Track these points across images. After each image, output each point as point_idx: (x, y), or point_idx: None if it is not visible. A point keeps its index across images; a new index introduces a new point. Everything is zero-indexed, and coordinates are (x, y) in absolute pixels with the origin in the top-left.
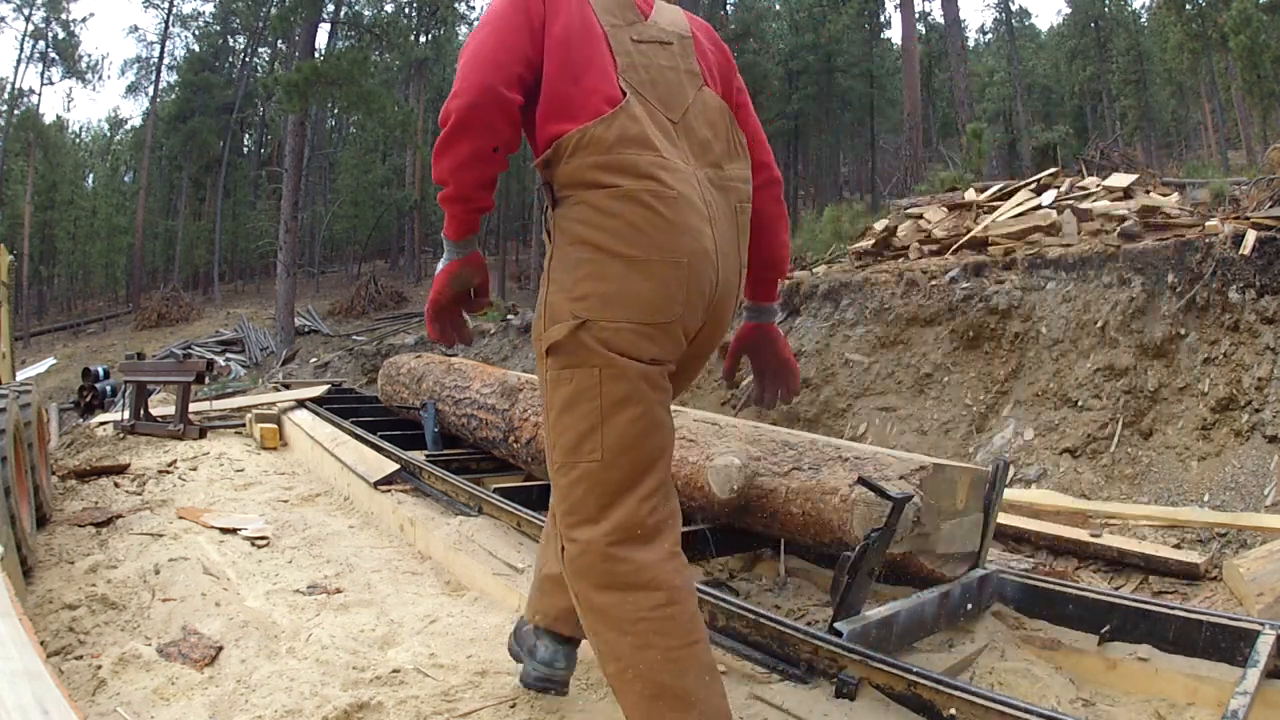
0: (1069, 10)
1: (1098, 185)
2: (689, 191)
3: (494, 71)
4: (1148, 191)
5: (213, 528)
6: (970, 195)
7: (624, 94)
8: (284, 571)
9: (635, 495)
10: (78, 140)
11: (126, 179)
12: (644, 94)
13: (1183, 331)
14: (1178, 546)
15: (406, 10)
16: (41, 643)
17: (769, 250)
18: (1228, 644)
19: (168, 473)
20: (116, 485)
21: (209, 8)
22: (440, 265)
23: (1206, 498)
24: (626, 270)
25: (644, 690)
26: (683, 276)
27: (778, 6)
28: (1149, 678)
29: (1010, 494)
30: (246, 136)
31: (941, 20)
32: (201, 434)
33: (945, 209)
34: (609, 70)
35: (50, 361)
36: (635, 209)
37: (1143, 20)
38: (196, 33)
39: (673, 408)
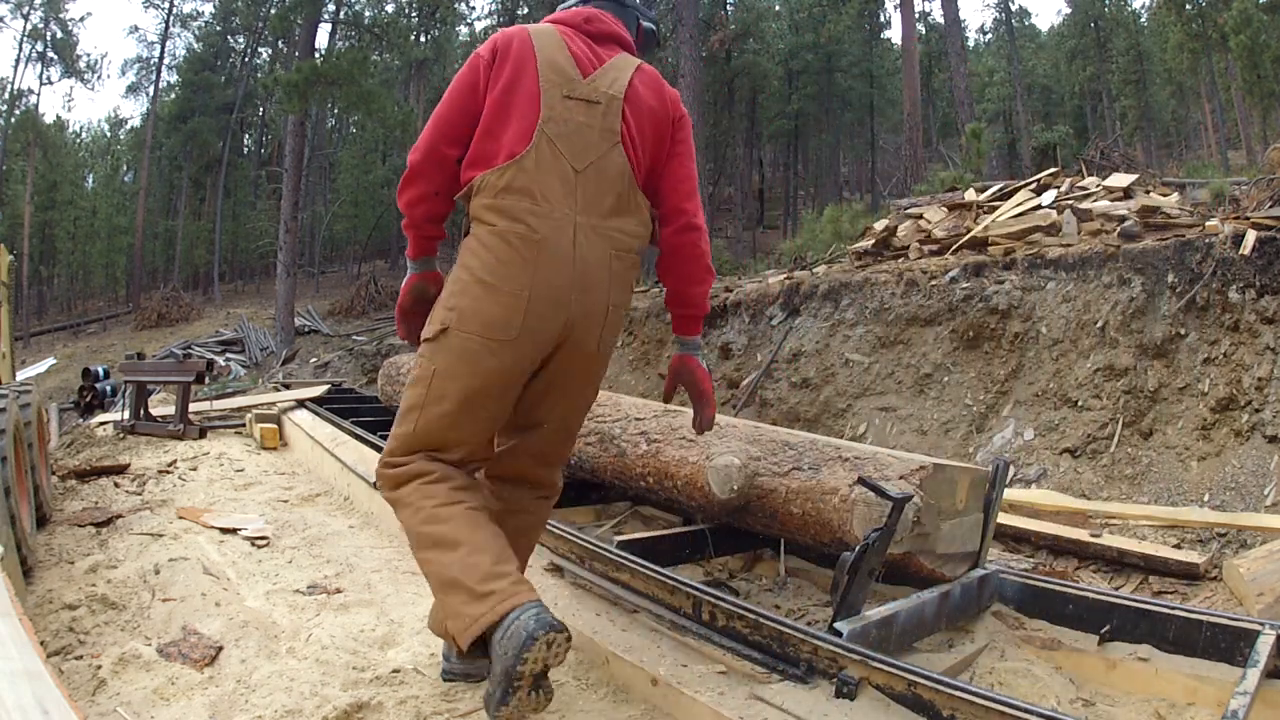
0: (1069, 10)
1: (1098, 185)
2: (555, 236)
3: (441, 131)
4: (1148, 191)
5: (213, 528)
6: (970, 195)
7: (528, 147)
8: (284, 571)
9: (439, 428)
10: (78, 140)
11: (127, 179)
12: (556, 144)
13: (1183, 331)
14: (1178, 546)
15: (406, 10)
16: (41, 643)
17: (683, 291)
18: (1228, 644)
19: (168, 473)
20: (116, 485)
21: (209, 8)
22: (405, 278)
23: (1206, 498)
24: (484, 294)
25: (415, 546)
26: (522, 306)
27: (778, 7)
28: (1149, 678)
29: (1010, 494)
30: (246, 136)
31: (941, 20)
32: (201, 434)
33: (945, 209)
34: (529, 124)
35: (50, 361)
36: (502, 246)
37: (1143, 20)
38: (196, 33)
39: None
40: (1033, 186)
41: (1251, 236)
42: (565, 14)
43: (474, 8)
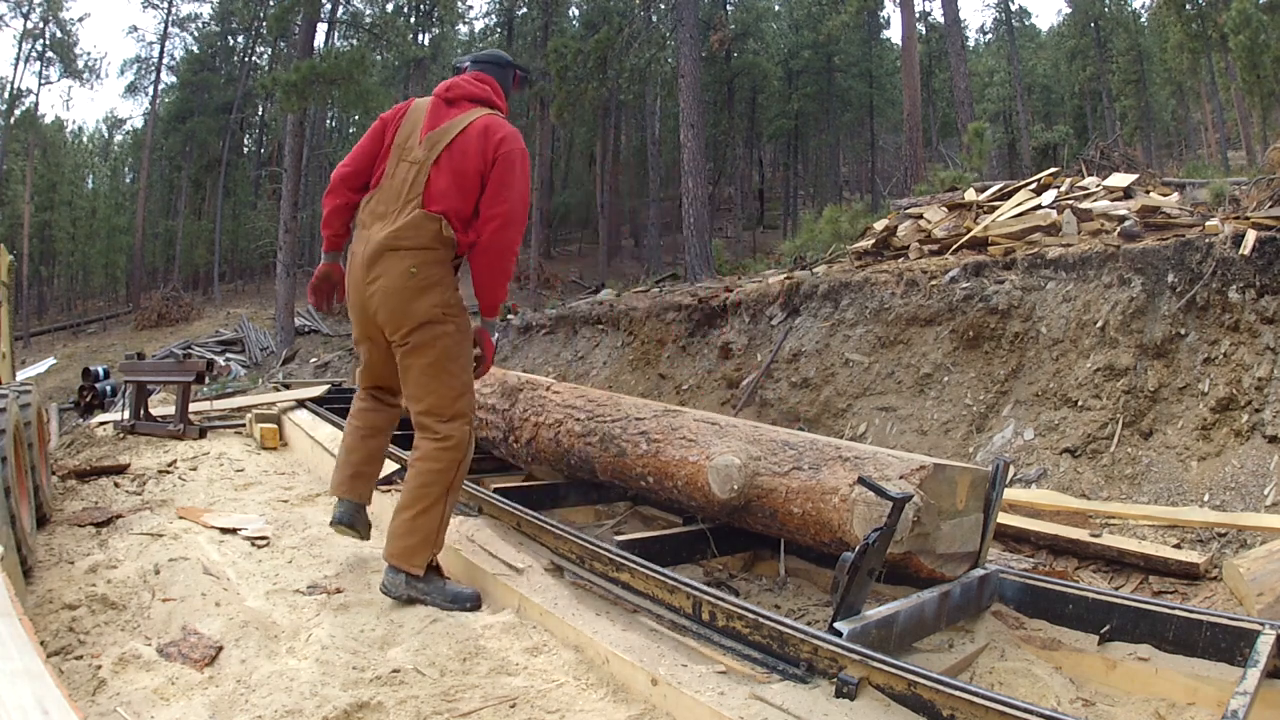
0: (1069, 10)
1: (1098, 185)
2: (358, 250)
3: (346, 164)
4: (1148, 191)
5: (213, 528)
6: (970, 195)
7: (375, 187)
8: (284, 571)
9: (358, 374)
10: (77, 140)
11: (127, 179)
12: (383, 188)
13: (1183, 331)
14: (1178, 546)
15: (405, 9)
16: (41, 643)
17: (474, 280)
18: (1228, 644)
19: (168, 473)
20: (116, 485)
21: (208, 8)
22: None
23: (1206, 498)
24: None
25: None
26: (349, 300)
27: (777, 6)
28: (1149, 678)
29: (1010, 494)
30: (246, 136)
31: (941, 20)
32: (201, 434)
33: (945, 209)
34: (381, 171)
35: (50, 361)
36: (349, 258)
37: (1143, 20)
38: (196, 33)
39: (673, 408)
40: (1033, 186)
41: (1251, 236)
42: (440, 85)
43: (471, 6)
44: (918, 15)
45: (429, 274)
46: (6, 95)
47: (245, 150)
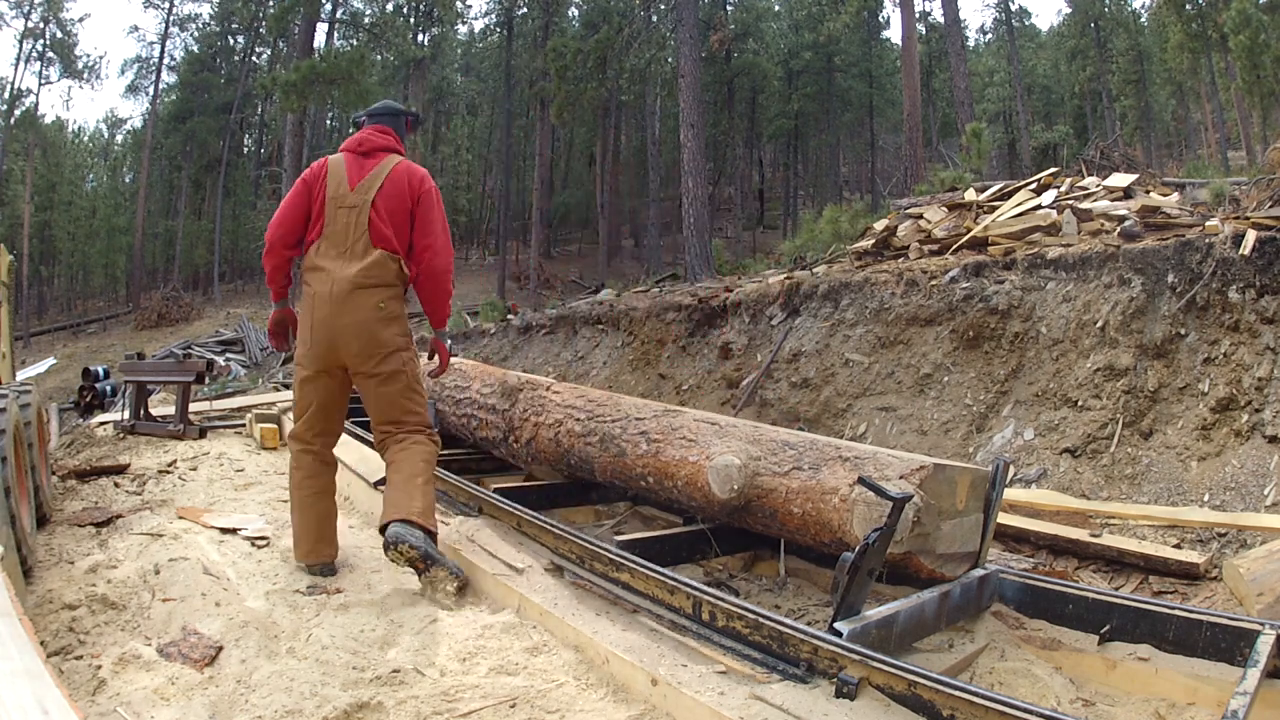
0: (1069, 10)
1: (1098, 185)
2: (324, 290)
3: (279, 227)
4: (1148, 191)
5: (213, 528)
6: (970, 195)
7: (317, 240)
8: (284, 571)
9: (304, 422)
10: (77, 140)
11: (127, 179)
12: (328, 235)
13: (1183, 331)
14: (1178, 546)
15: (404, 9)
16: (41, 643)
17: (429, 302)
18: (1228, 644)
19: (168, 473)
20: (116, 485)
21: (208, 8)
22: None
23: (1206, 498)
24: (306, 326)
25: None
26: (311, 335)
27: (777, 6)
28: (1149, 678)
29: (1010, 494)
30: (246, 136)
31: (941, 20)
32: (201, 434)
33: (945, 209)
34: (320, 222)
35: (50, 361)
36: (308, 299)
37: (1143, 20)
38: (196, 33)
39: (673, 408)
40: (1033, 186)
41: (1251, 236)
42: (349, 141)
43: (471, 6)
44: (918, 15)
45: (393, 308)
46: (7, 95)
47: (245, 150)
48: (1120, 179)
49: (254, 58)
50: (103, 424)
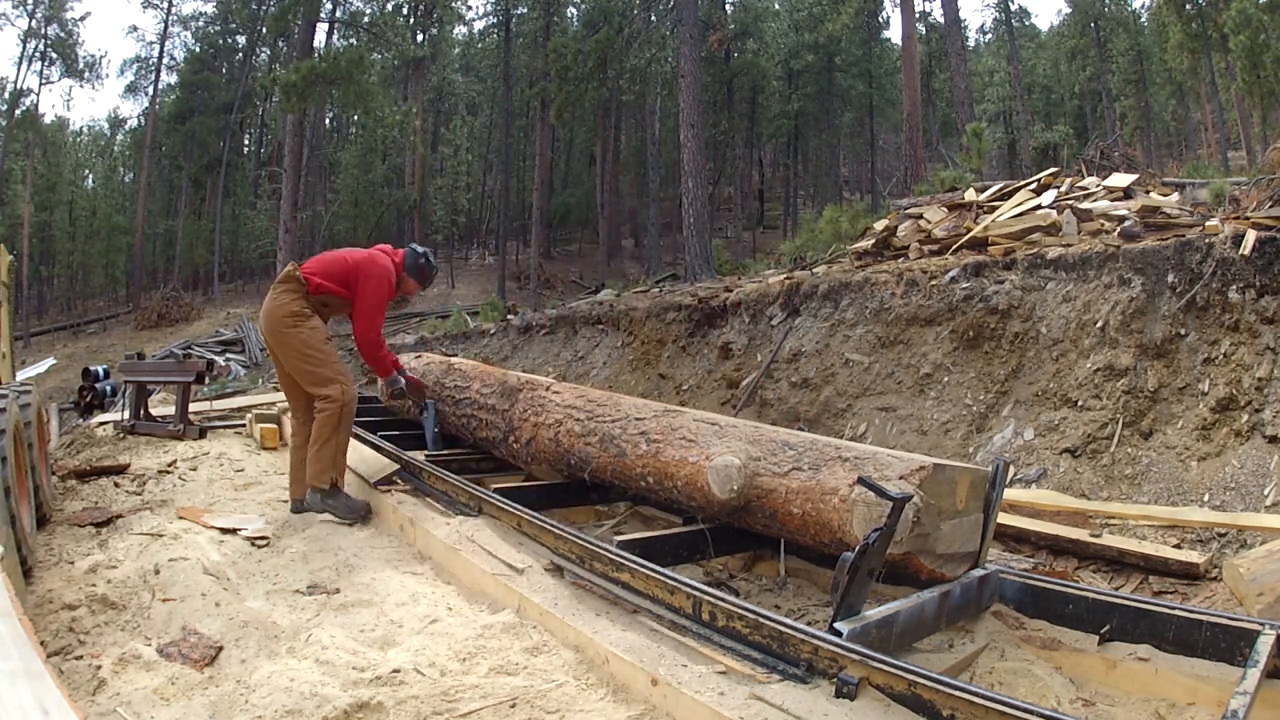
0: (1069, 10)
1: (1098, 185)
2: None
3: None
4: (1148, 191)
5: (213, 528)
6: (970, 195)
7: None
8: (284, 571)
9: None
10: (77, 140)
11: (127, 179)
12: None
13: (1183, 331)
14: (1178, 546)
15: (404, 9)
16: (41, 643)
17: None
18: (1228, 644)
19: (168, 473)
20: (116, 485)
21: (208, 8)
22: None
23: (1206, 498)
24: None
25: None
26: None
27: (777, 6)
28: (1149, 678)
29: (1010, 494)
30: (246, 136)
31: (941, 20)
32: (201, 434)
33: (945, 209)
34: None
35: (50, 361)
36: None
37: (1143, 20)
38: (196, 33)
39: (673, 408)
40: (1033, 186)
41: (1251, 236)
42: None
43: (471, 6)
44: (918, 15)
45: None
46: (8, 95)
47: (245, 150)
48: (1120, 179)
49: (254, 58)
50: (103, 424)
